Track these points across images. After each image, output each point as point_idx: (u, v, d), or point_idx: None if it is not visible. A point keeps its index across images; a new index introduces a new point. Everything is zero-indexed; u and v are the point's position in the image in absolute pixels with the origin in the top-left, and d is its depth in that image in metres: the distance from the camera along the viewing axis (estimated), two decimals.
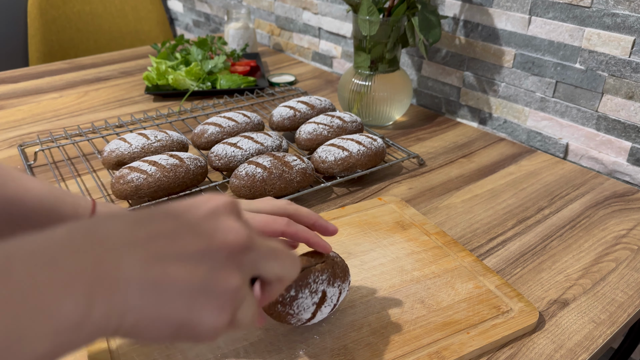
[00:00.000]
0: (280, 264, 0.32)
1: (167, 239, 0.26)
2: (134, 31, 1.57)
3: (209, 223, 0.28)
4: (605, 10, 0.75)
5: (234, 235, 0.28)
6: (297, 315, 0.44)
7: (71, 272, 0.23)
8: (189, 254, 0.26)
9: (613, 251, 0.63)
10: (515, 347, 0.49)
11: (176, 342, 0.29)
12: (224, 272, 0.27)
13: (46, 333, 0.22)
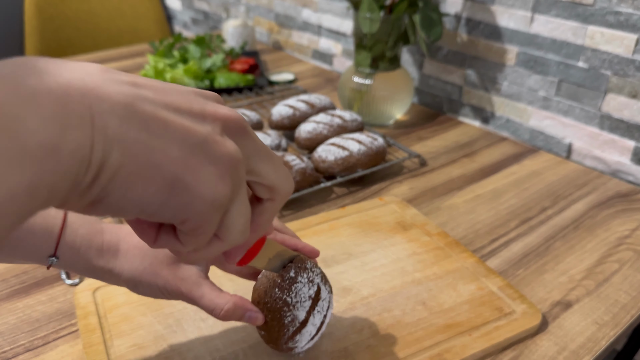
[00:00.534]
0: (275, 168, 0.28)
1: (155, 90, 0.23)
2: (131, 29, 1.56)
3: (197, 98, 0.25)
4: (608, 9, 0.75)
5: (228, 111, 0.25)
6: (293, 309, 0.41)
7: (37, 88, 0.19)
8: (181, 109, 0.23)
9: (616, 252, 0.62)
10: (518, 349, 0.49)
11: (166, 216, 0.24)
12: (221, 138, 0.24)
13: (17, 157, 0.18)
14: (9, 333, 0.49)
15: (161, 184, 0.22)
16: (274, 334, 0.42)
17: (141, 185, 0.22)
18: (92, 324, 0.48)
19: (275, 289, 0.41)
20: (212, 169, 0.23)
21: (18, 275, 0.57)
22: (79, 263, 0.38)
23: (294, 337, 0.42)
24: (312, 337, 0.44)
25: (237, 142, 0.25)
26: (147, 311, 0.50)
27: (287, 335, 0.42)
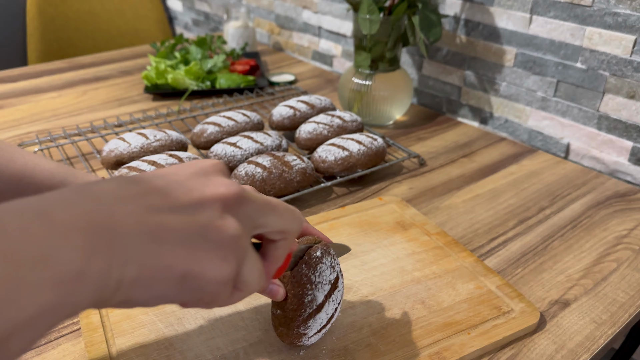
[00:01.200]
0: (279, 216, 0.31)
1: (159, 194, 0.26)
2: (133, 30, 1.57)
3: (198, 180, 0.28)
4: (606, 10, 0.75)
5: (226, 188, 0.28)
6: (315, 289, 0.41)
7: (66, 222, 0.22)
8: (182, 206, 0.26)
9: (614, 251, 0.62)
10: (516, 347, 0.49)
11: (185, 300, 0.27)
12: (220, 221, 0.27)
13: (47, 282, 0.21)
14: None
15: (174, 280, 0.26)
16: (291, 312, 0.42)
17: (157, 285, 0.25)
18: (94, 322, 0.49)
19: (302, 265, 0.42)
20: (215, 253, 0.26)
21: None
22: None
23: (308, 321, 0.42)
24: (320, 329, 0.44)
25: (239, 212, 0.28)
26: (148, 310, 0.50)
27: (303, 317, 0.42)
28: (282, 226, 0.32)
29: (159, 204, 0.25)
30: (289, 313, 0.42)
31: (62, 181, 0.38)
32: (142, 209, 0.25)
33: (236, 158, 0.72)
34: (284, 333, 0.44)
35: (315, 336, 0.45)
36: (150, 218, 0.25)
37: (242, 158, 0.72)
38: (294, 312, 0.42)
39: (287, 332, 0.44)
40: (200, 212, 0.26)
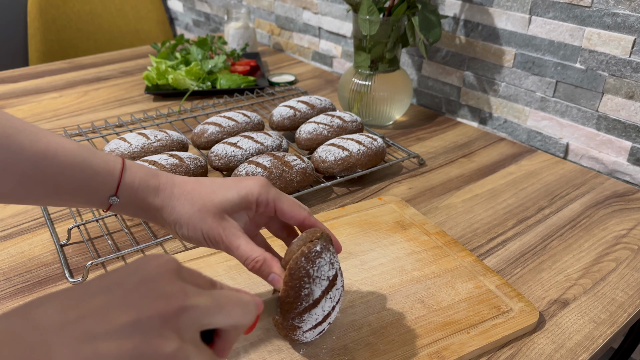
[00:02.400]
0: (227, 313, 0.31)
1: (97, 315, 0.26)
2: (133, 31, 1.57)
3: (140, 291, 0.28)
4: (605, 10, 0.75)
5: (164, 302, 0.28)
6: (312, 283, 0.42)
7: (8, 357, 0.23)
8: (119, 327, 0.26)
9: (613, 251, 0.62)
10: (516, 347, 0.49)
11: None
12: (157, 339, 0.27)
13: None
14: None
15: None
16: (287, 305, 0.42)
17: None
18: None
19: (302, 257, 0.42)
20: None
21: (22, 274, 0.57)
22: (135, 202, 0.41)
23: (303, 315, 0.42)
24: (315, 325, 0.44)
25: (179, 323, 0.28)
26: None
27: (298, 310, 0.42)
28: (230, 323, 0.32)
29: (95, 330, 0.26)
30: (285, 305, 0.42)
31: (83, 161, 0.39)
32: (78, 338, 0.25)
33: (236, 158, 0.73)
34: (279, 323, 0.44)
35: (311, 332, 0.44)
36: (86, 347, 0.25)
37: (242, 158, 0.73)
38: (289, 305, 0.42)
39: (282, 322, 0.44)
40: (136, 332, 0.26)
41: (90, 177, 0.39)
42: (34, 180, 0.37)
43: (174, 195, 0.42)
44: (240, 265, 0.57)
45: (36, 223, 0.66)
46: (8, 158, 0.35)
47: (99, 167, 0.40)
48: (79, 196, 0.40)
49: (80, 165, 0.39)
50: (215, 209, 0.41)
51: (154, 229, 0.65)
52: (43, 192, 0.37)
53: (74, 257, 0.60)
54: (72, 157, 0.38)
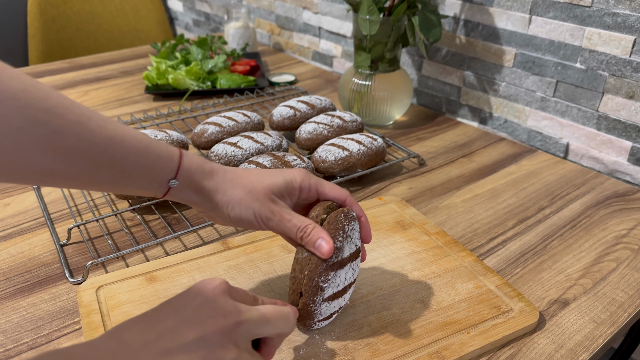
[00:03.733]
0: (273, 325, 0.38)
1: (170, 334, 0.33)
2: (133, 30, 1.57)
3: (202, 312, 0.34)
4: (605, 10, 0.75)
5: (223, 319, 0.34)
6: (344, 240, 0.44)
7: None
8: (188, 343, 0.33)
9: (613, 251, 0.62)
10: (516, 347, 0.49)
11: None
12: (220, 350, 0.33)
13: None
14: (13, 331, 0.50)
15: None
16: (318, 260, 0.44)
17: None
18: (95, 322, 0.49)
19: (341, 214, 0.46)
20: None
21: (22, 274, 0.57)
22: (191, 185, 0.44)
23: (329, 273, 0.44)
24: (334, 295, 0.45)
25: (237, 335, 0.35)
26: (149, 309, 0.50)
27: (328, 264, 0.44)
28: (276, 332, 0.39)
29: (170, 345, 0.32)
30: (315, 261, 0.44)
31: (147, 146, 0.41)
32: (158, 353, 0.32)
33: (237, 158, 0.72)
34: (304, 283, 0.44)
35: (327, 305, 0.45)
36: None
37: (242, 158, 0.73)
38: (321, 260, 0.44)
39: (307, 284, 0.44)
40: (203, 345, 0.33)
41: (153, 161, 0.42)
42: (102, 165, 0.39)
43: (226, 179, 0.45)
44: (240, 265, 0.57)
45: (36, 223, 0.66)
46: (80, 144, 0.38)
47: (160, 152, 0.42)
48: (141, 180, 0.42)
49: (144, 150, 0.41)
50: (264, 191, 0.45)
51: (154, 229, 0.65)
52: (109, 176, 0.40)
53: (74, 257, 0.60)
54: (136, 143, 0.41)
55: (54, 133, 0.36)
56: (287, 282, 0.55)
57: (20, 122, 0.35)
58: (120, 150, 0.40)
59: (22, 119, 0.35)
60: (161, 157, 0.42)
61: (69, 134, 0.37)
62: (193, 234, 0.65)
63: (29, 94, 0.36)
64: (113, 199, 0.71)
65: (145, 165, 0.41)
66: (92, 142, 0.38)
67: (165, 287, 0.53)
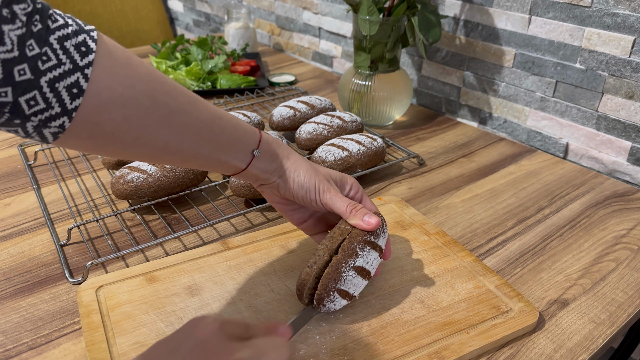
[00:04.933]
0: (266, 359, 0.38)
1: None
2: (134, 31, 1.57)
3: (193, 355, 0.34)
4: (605, 10, 0.75)
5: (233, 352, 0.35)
6: (382, 230, 0.50)
7: None
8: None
9: (613, 251, 0.62)
10: (515, 347, 0.49)
11: None
12: None
13: None
14: (12, 331, 0.50)
15: None
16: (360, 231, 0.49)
17: None
18: (95, 322, 0.49)
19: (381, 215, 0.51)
20: None
21: (21, 274, 0.58)
22: (269, 153, 0.50)
23: (366, 247, 0.48)
24: (362, 269, 0.48)
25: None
26: (149, 309, 0.51)
27: (367, 238, 0.48)
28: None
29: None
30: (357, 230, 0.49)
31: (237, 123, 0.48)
32: None
33: None
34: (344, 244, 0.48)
35: (352, 277, 0.48)
36: None
37: None
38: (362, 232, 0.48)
39: (347, 244, 0.48)
40: None
41: (242, 134, 0.48)
42: (206, 139, 0.45)
43: (294, 153, 0.53)
44: (239, 265, 0.57)
45: (36, 223, 0.66)
46: (190, 121, 0.43)
47: (246, 127, 0.49)
48: (233, 151, 0.48)
49: (235, 126, 0.48)
50: (324, 172, 0.53)
51: (154, 229, 0.65)
52: (209, 149, 0.46)
53: (74, 257, 0.60)
54: (229, 120, 0.47)
55: (172, 113, 0.42)
56: (287, 282, 0.55)
57: (147, 103, 0.40)
58: (220, 126, 0.46)
59: (148, 100, 0.40)
60: (247, 131, 0.49)
61: (183, 113, 0.43)
62: (193, 234, 0.65)
63: (153, 78, 0.41)
64: (113, 199, 0.71)
65: (237, 138, 0.48)
66: (199, 119, 0.44)
67: (165, 287, 0.53)
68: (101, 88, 0.37)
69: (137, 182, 0.65)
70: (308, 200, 0.51)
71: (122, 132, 0.39)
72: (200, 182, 0.72)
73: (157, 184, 0.66)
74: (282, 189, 0.51)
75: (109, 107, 0.38)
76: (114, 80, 0.38)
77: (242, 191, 0.68)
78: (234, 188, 0.68)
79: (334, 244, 0.49)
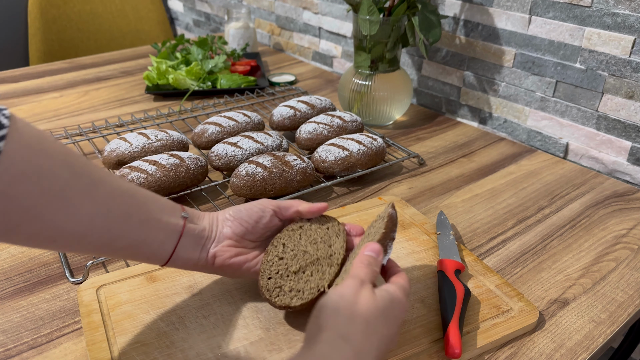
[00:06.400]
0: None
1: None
2: (134, 31, 1.57)
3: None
4: (605, 10, 0.75)
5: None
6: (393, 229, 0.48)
7: None
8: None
9: (613, 251, 0.63)
10: (516, 346, 0.49)
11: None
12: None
13: None
14: (13, 331, 0.50)
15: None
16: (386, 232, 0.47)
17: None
18: (96, 321, 0.49)
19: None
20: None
21: (22, 274, 0.58)
22: (196, 216, 0.49)
23: (389, 245, 0.47)
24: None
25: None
26: (149, 309, 0.51)
27: (389, 235, 0.47)
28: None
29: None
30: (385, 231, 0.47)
31: (155, 195, 0.47)
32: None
33: (237, 158, 0.73)
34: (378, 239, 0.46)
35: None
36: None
37: (242, 158, 0.73)
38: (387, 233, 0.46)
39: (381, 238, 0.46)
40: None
41: (165, 201, 0.47)
42: (132, 212, 0.43)
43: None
44: None
45: None
46: (115, 191, 0.42)
47: (165, 201, 0.47)
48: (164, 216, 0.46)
49: (155, 196, 0.46)
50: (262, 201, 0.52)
51: None
52: (137, 223, 0.43)
53: (74, 257, 0.60)
54: (146, 192, 0.45)
55: (94, 183, 0.40)
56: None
57: (66, 175, 0.38)
58: (143, 195, 0.45)
59: (67, 170, 0.38)
60: (167, 203, 0.47)
61: (105, 183, 0.41)
62: None
63: (69, 152, 0.39)
64: None
65: (163, 206, 0.46)
66: (124, 189, 0.43)
67: (165, 287, 0.53)
68: (16, 160, 0.35)
69: (137, 182, 0.65)
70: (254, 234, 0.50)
71: (40, 207, 0.37)
72: (201, 182, 0.72)
73: (157, 183, 0.66)
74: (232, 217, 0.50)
75: (24, 179, 0.35)
76: (29, 153, 0.36)
77: (242, 191, 0.68)
78: (234, 188, 0.68)
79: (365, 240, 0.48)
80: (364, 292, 0.40)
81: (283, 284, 0.48)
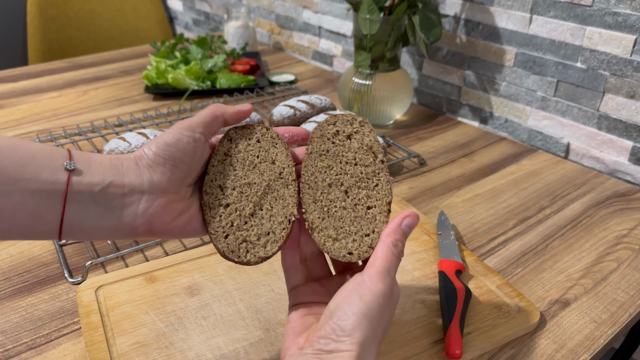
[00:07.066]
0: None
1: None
2: (133, 30, 1.57)
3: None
4: (606, 9, 0.75)
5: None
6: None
7: None
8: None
9: (614, 251, 0.62)
10: (516, 347, 0.49)
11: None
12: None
13: None
14: (12, 331, 0.50)
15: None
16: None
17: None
18: (95, 322, 0.49)
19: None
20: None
21: (21, 274, 0.57)
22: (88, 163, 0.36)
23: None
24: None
25: None
26: (148, 309, 0.50)
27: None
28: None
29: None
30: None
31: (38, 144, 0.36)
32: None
33: None
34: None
35: None
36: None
37: None
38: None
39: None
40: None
41: (51, 147, 0.36)
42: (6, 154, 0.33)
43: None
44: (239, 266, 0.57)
45: None
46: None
47: (48, 151, 0.36)
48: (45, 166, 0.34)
49: (32, 153, 0.34)
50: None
51: None
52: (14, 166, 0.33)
53: (74, 257, 0.60)
54: (26, 150, 0.34)
55: None
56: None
57: None
58: (21, 142, 0.34)
59: None
60: (53, 149, 0.36)
61: None
62: None
63: None
64: None
65: (42, 160, 0.34)
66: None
67: (164, 287, 0.53)
68: None
69: None
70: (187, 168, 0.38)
71: None
72: None
73: None
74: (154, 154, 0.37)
75: None
76: None
77: None
78: None
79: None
80: (395, 290, 0.38)
81: (246, 235, 0.39)
